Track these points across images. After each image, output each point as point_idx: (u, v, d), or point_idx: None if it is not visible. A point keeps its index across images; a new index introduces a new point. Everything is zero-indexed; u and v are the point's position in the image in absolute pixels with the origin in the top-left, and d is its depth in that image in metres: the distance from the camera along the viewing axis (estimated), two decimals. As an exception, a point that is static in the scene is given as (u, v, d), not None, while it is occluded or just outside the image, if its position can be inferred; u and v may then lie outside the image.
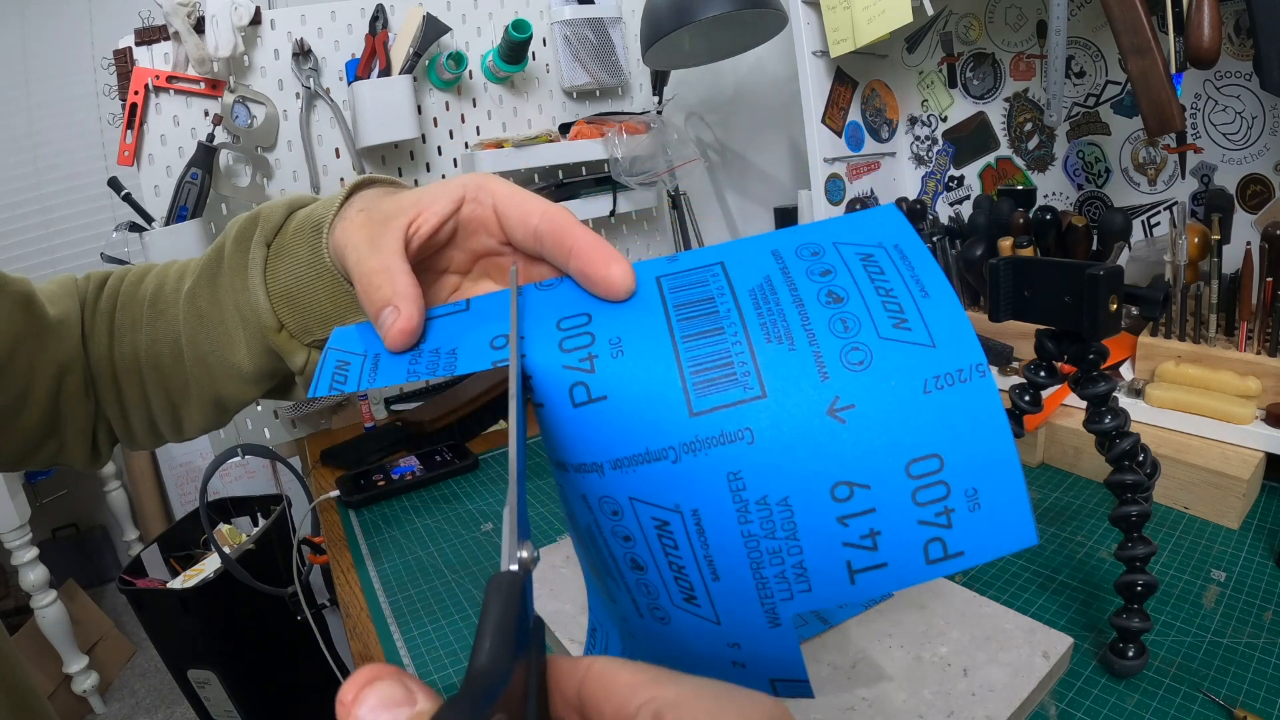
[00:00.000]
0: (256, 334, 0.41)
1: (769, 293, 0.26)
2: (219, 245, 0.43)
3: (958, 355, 0.24)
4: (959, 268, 0.92)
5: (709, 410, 0.23)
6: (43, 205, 2.22)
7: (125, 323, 0.47)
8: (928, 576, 0.23)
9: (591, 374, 0.25)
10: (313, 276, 0.38)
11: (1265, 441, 0.67)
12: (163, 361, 0.45)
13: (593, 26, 1.30)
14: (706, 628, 0.25)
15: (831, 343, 0.24)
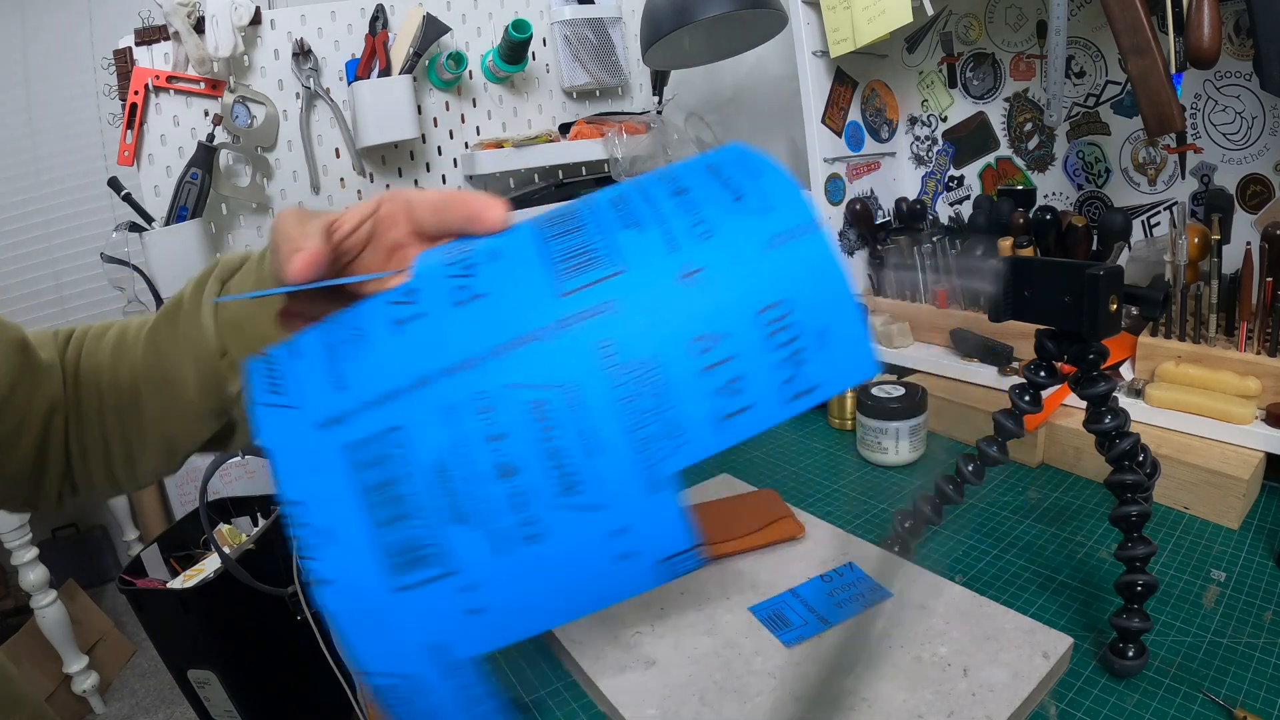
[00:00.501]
0: (204, 364, 0.43)
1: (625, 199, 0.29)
2: (180, 291, 0.46)
3: (790, 217, 0.27)
4: (959, 268, 0.92)
5: (576, 290, 0.26)
6: (43, 205, 2.22)
7: (89, 367, 0.49)
8: (789, 413, 0.25)
9: (471, 278, 0.28)
10: (257, 303, 0.41)
11: (1265, 441, 0.67)
12: (122, 404, 0.47)
13: (593, 26, 1.30)
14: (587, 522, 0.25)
15: (679, 221, 0.27)
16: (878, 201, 1.09)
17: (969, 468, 0.60)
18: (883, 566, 0.53)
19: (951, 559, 0.65)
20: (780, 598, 0.56)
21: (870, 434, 0.82)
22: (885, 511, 0.73)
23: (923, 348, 0.98)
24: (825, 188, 1.01)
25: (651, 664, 0.51)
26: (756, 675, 0.49)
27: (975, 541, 0.67)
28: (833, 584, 0.57)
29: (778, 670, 0.49)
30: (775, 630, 0.53)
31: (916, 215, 1.02)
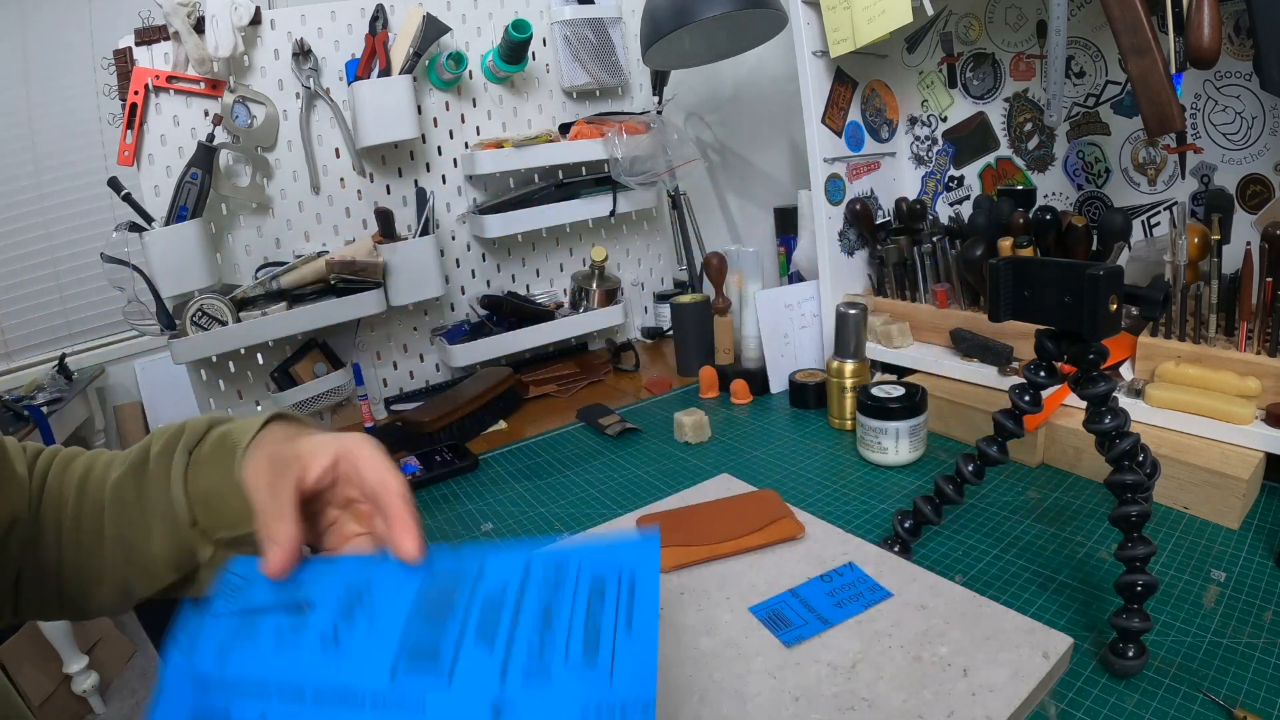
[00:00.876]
0: (172, 527, 0.48)
1: (499, 601, 0.33)
2: (145, 446, 0.51)
3: (629, 690, 0.28)
4: (959, 267, 0.92)
5: (405, 681, 0.31)
6: (43, 205, 2.22)
7: (52, 498, 0.52)
8: None
9: (346, 622, 0.34)
10: (226, 488, 0.46)
11: (1265, 441, 0.67)
12: (81, 540, 0.50)
13: (593, 26, 1.30)
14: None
15: (522, 656, 0.30)
16: (878, 201, 1.09)
17: (969, 468, 0.60)
18: None
19: (951, 559, 0.65)
20: (780, 597, 0.56)
21: (870, 434, 0.82)
22: (885, 511, 0.73)
23: (923, 348, 0.98)
24: (825, 188, 1.01)
25: (651, 664, 0.51)
26: (756, 675, 0.49)
27: (975, 541, 0.67)
28: (832, 584, 0.57)
29: (778, 670, 0.49)
30: (775, 630, 0.53)
31: (916, 215, 1.02)
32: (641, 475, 0.87)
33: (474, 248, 1.31)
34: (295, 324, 1.08)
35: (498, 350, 1.23)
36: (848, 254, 1.06)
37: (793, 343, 1.09)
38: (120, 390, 2.40)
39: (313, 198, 1.16)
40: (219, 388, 1.14)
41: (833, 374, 0.93)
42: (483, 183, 1.29)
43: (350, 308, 1.11)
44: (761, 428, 0.97)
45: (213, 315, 1.02)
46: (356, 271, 1.09)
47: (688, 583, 0.60)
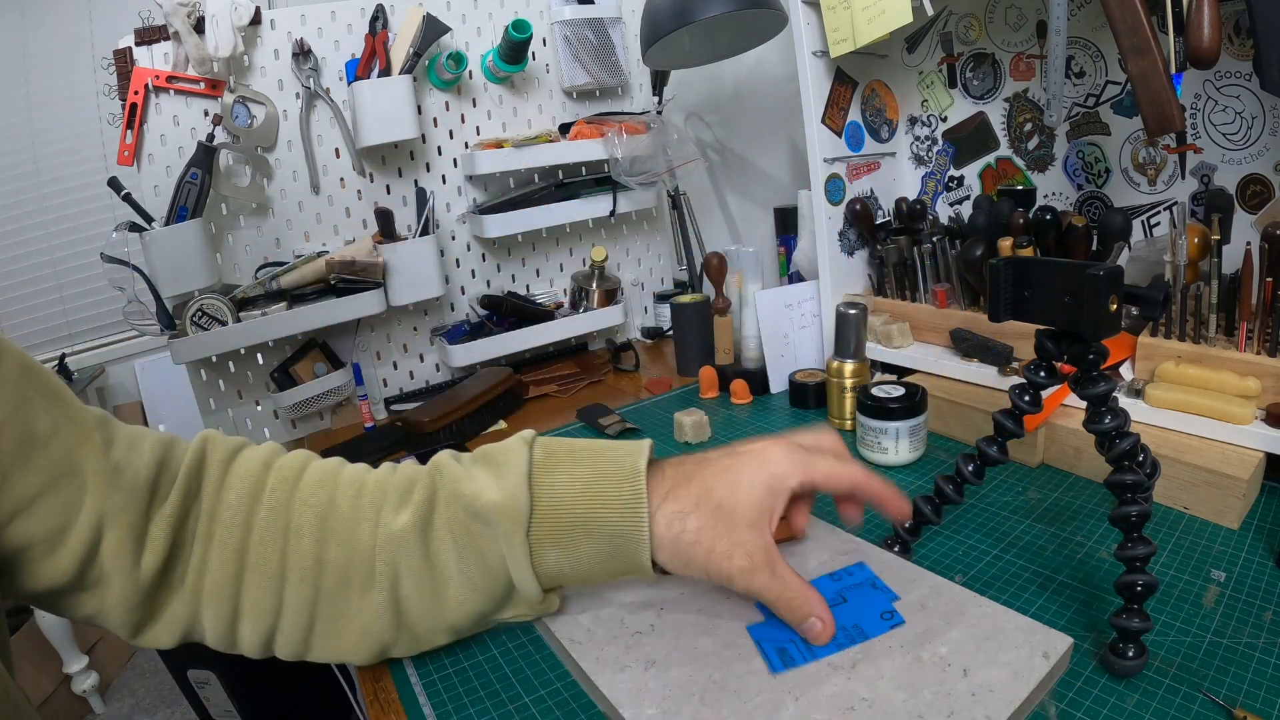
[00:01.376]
0: (489, 597, 0.44)
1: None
2: (429, 495, 0.45)
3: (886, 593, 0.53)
4: (959, 267, 0.92)
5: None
6: (43, 205, 2.22)
7: (275, 523, 0.45)
8: None
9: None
10: (603, 565, 0.45)
11: (1265, 441, 0.67)
12: (324, 585, 0.44)
13: (593, 26, 1.30)
14: None
15: None
16: (878, 201, 1.09)
17: (969, 468, 0.60)
18: None
19: (952, 559, 0.65)
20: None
21: (870, 434, 0.82)
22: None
23: (923, 348, 0.98)
24: (825, 188, 1.01)
25: (651, 664, 0.51)
26: (756, 675, 0.49)
27: (975, 541, 0.67)
28: (841, 583, 0.57)
29: (794, 682, 0.49)
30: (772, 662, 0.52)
31: (916, 215, 1.02)
32: (641, 475, 0.87)
33: (474, 248, 1.31)
34: (295, 324, 1.08)
35: (498, 350, 1.23)
36: (848, 254, 1.06)
37: (793, 343, 1.08)
38: (120, 390, 2.40)
39: (313, 198, 1.16)
40: (219, 388, 1.14)
41: (833, 374, 0.93)
42: (483, 183, 1.29)
43: (350, 308, 1.11)
44: (761, 428, 0.97)
45: (213, 315, 1.02)
46: (356, 271, 1.09)
47: (687, 582, 0.60)
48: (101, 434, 0.42)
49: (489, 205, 1.25)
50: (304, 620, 0.45)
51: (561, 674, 0.55)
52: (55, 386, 0.41)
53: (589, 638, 0.54)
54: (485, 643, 0.60)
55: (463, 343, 1.22)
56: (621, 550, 0.43)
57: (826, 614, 0.43)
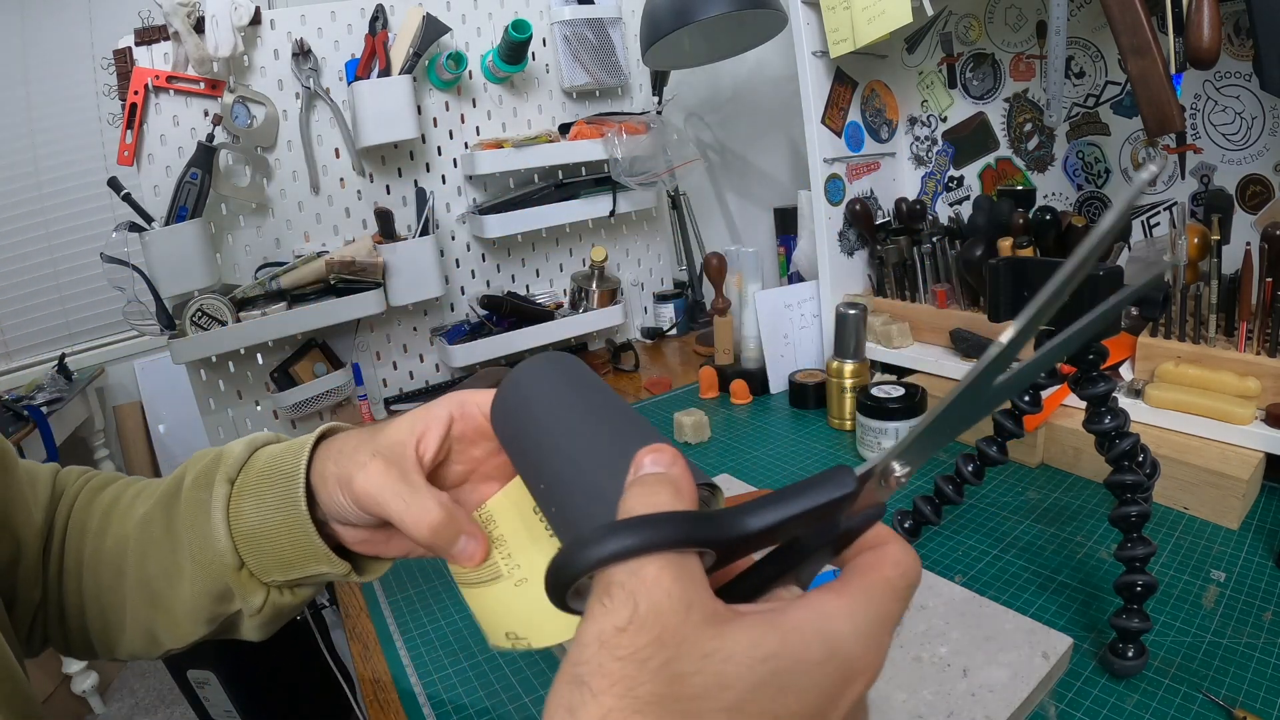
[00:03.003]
0: (207, 571, 0.41)
1: None
2: (178, 476, 0.44)
3: None
4: (959, 268, 0.92)
5: None
6: (43, 205, 2.22)
7: (77, 526, 0.47)
8: None
9: None
10: (280, 521, 0.40)
11: (1265, 442, 0.67)
12: (102, 576, 0.45)
13: (593, 26, 1.30)
14: None
15: None
16: (877, 201, 1.09)
17: (969, 468, 0.60)
18: None
19: (951, 559, 0.65)
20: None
21: (870, 434, 0.82)
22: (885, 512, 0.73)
23: (923, 348, 0.98)
24: (825, 188, 1.01)
25: (651, 664, 0.51)
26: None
27: (975, 541, 0.67)
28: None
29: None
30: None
31: (916, 215, 1.02)
32: (641, 475, 0.87)
33: (474, 248, 1.31)
34: (295, 324, 1.08)
35: (497, 350, 1.23)
36: (847, 254, 1.06)
37: (792, 343, 1.08)
38: (120, 390, 2.40)
39: (312, 198, 1.16)
40: (219, 388, 1.14)
41: (832, 374, 0.93)
42: (482, 183, 1.29)
43: (350, 308, 1.11)
44: (761, 428, 0.97)
45: (213, 315, 1.02)
46: (356, 271, 1.09)
47: (687, 583, 0.60)
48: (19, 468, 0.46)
49: (489, 205, 1.25)
50: (97, 612, 0.46)
51: (561, 674, 0.55)
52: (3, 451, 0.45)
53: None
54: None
55: (462, 343, 1.22)
56: (289, 493, 0.39)
57: (478, 531, 0.35)
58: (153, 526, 0.44)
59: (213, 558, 0.41)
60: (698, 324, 1.45)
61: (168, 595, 0.43)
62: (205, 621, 0.43)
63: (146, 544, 0.44)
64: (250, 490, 0.41)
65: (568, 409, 0.35)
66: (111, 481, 0.50)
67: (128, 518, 0.46)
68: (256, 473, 0.41)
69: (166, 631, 0.44)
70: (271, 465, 0.41)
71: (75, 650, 0.48)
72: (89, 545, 0.46)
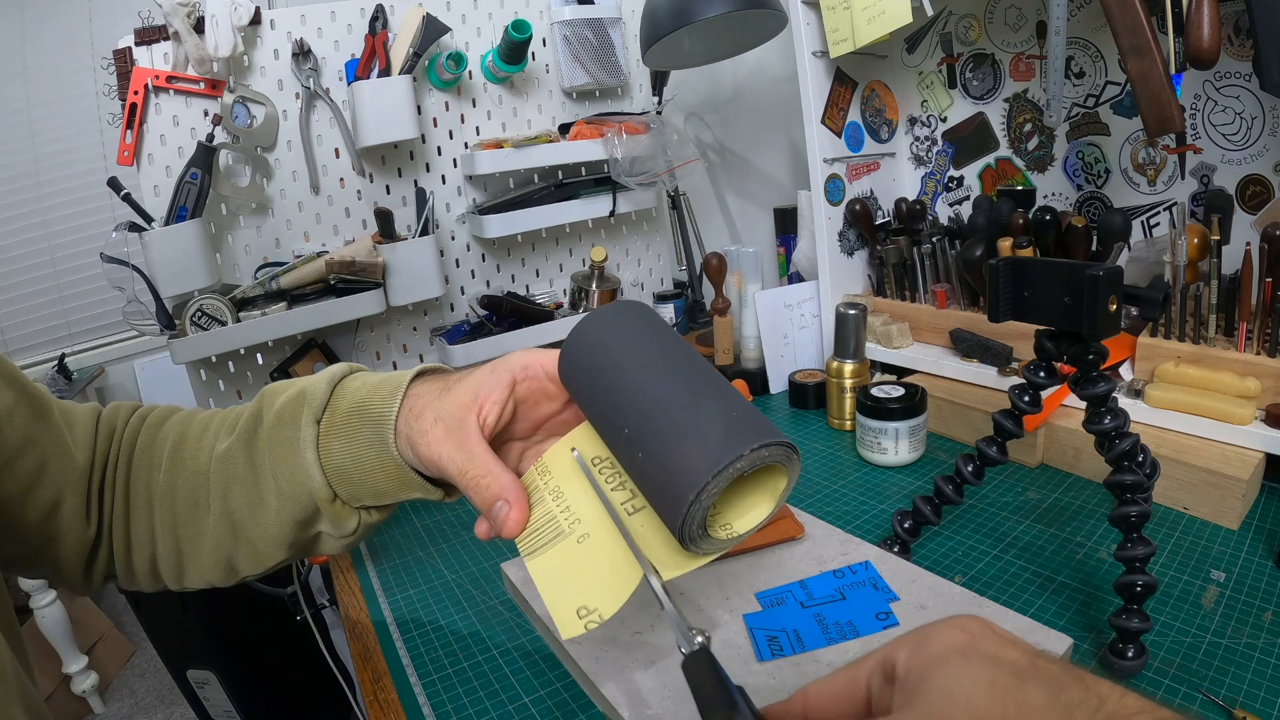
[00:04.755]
0: (296, 503, 0.44)
1: None
2: (255, 413, 0.46)
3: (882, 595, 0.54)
4: (959, 268, 0.92)
5: None
6: (43, 205, 2.22)
7: (143, 462, 0.49)
8: None
9: None
10: (374, 460, 0.42)
11: (1265, 442, 0.67)
12: (178, 509, 0.47)
13: (593, 27, 1.30)
14: None
15: None
16: (877, 202, 1.09)
17: (969, 468, 0.60)
18: None
19: (951, 559, 0.65)
20: (787, 588, 0.56)
21: (870, 434, 0.82)
22: (885, 512, 0.73)
23: (923, 348, 0.98)
24: (825, 188, 1.01)
25: (651, 664, 0.51)
26: (756, 675, 0.49)
27: (975, 541, 0.67)
28: (843, 580, 0.57)
29: (777, 670, 0.49)
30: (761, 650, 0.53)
31: (916, 215, 1.02)
32: (641, 475, 0.87)
33: (474, 248, 1.31)
34: (295, 324, 1.08)
35: (498, 350, 1.23)
36: (847, 254, 1.06)
37: (792, 343, 1.08)
38: (120, 390, 2.40)
39: (312, 198, 1.16)
40: (219, 388, 1.14)
41: (832, 374, 0.93)
42: (482, 183, 1.29)
43: (350, 308, 1.11)
44: (761, 428, 0.97)
45: (212, 315, 1.02)
46: (356, 271, 1.09)
47: (688, 583, 0.60)
48: (56, 410, 0.47)
49: (489, 205, 1.25)
50: (171, 544, 0.48)
51: (561, 674, 0.55)
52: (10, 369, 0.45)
53: (589, 638, 0.54)
54: (485, 643, 0.60)
55: (462, 343, 1.22)
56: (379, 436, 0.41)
57: (519, 499, 0.37)
58: (234, 463, 0.46)
59: (304, 491, 0.43)
60: (698, 324, 1.45)
61: (250, 526, 0.45)
62: (287, 546, 0.46)
63: (229, 479, 0.46)
64: (339, 430, 0.43)
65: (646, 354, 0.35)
66: (169, 415, 0.51)
67: (199, 453, 0.48)
68: (344, 413, 0.43)
69: (247, 559, 0.47)
70: (359, 406, 0.43)
71: (140, 581, 0.50)
72: (160, 480, 0.48)
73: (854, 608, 0.54)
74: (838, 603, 0.54)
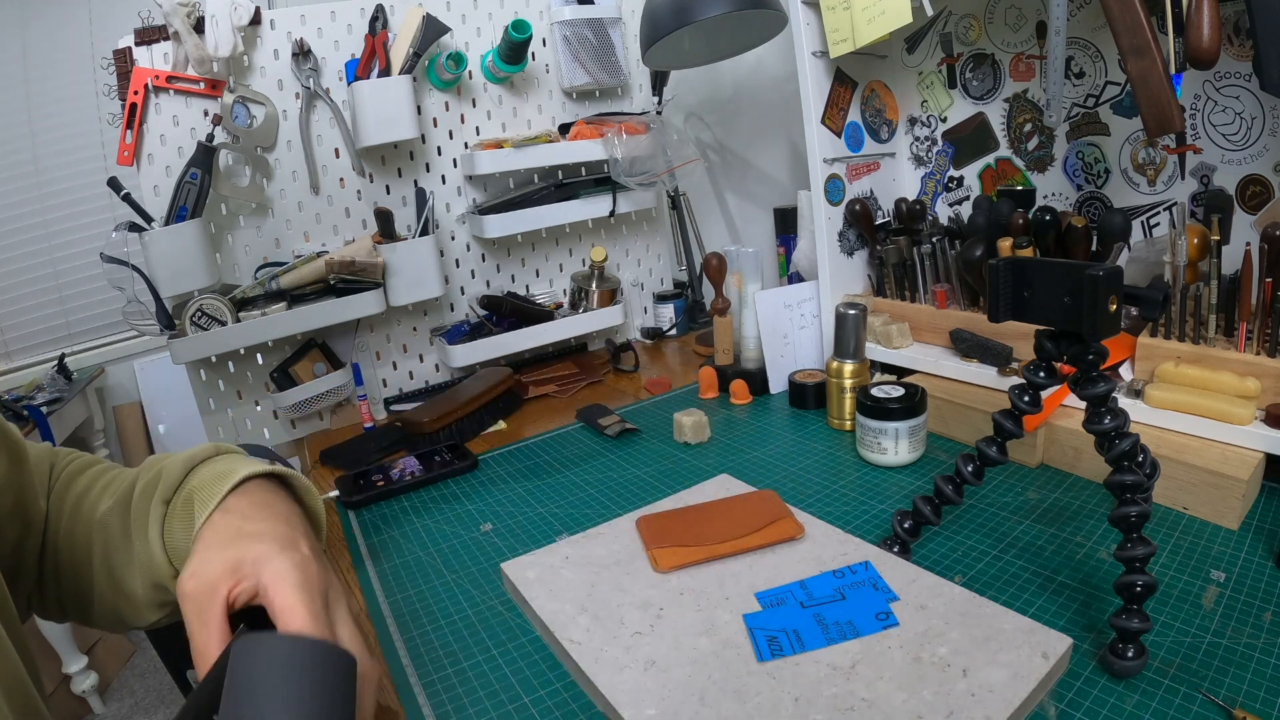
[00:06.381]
0: (150, 574, 0.47)
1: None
2: (133, 481, 0.51)
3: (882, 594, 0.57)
4: (959, 268, 0.92)
5: None
6: (43, 205, 2.22)
7: (54, 509, 0.53)
8: None
9: None
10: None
11: (1264, 442, 0.67)
12: (76, 560, 0.52)
13: (593, 27, 1.30)
14: None
15: None
16: (877, 202, 1.09)
17: (968, 468, 0.60)
18: None
19: (951, 559, 0.65)
20: (787, 588, 0.56)
21: (870, 434, 0.82)
22: (885, 512, 0.73)
23: (923, 348, 0.98)
24: (825, 188, 1.01)
25: (651, 664, 0.51)
26: (756, 675, 0.49)
27: (975, 541, 0.67)
28: (843, 580, 0.57)
29: (777, 670, 0.49)
30: (761, 650, 0.53)
31: (916, 216, 1.02)
32: (641, 475, 0.87)
33: (474, 248, 1.31)
34: (295, 324, 1.08)
35: (497, 350, 1.23)
36: (847, 254, 1.06)
37: (792, 343, 1.09)
38: (120, 390, 2.40)
39: (312, 198, 1.16)
40: (219, 388, 1.14)
41: (832, 374, 0.93)
42: (482, 183, 1.29)
43: (350, 308, 1.11)
44: (761, 428, 0.97)
45: (212, 315, 1.02)
46: (356, 271, 1.09)
47: (687, 583, 0.60)
48: (32, 455, 0.53)
49: (489, 205, 1.25)
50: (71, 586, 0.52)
51: (561, 674, 0.55)
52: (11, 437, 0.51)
53: (589, 638, 0.54)
54: (485, 643, 0.60)
55: (462, 343, 1.22)
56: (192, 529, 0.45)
57: None
58: (111, 525, 0.50)
59: (151, 564, 0.47)
60: (698, 324, 1.45)
61: (127, 584, 0.49)
62: (158, 607, 0.49)
63: (107, 539, 0.51)
64: (178, 515, 0.47)
65: None
66: (86, 468, 0.56)
67: (94, 511, 0.52)
68: (184, 498, 0.47)
69: (130, 613, 0.51)
70: (190, 500, 0.47)
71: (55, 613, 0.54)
72: (64, 528, 0.53)
73: (854, 608, 0.54)
74: (838, 603, 0.55)
